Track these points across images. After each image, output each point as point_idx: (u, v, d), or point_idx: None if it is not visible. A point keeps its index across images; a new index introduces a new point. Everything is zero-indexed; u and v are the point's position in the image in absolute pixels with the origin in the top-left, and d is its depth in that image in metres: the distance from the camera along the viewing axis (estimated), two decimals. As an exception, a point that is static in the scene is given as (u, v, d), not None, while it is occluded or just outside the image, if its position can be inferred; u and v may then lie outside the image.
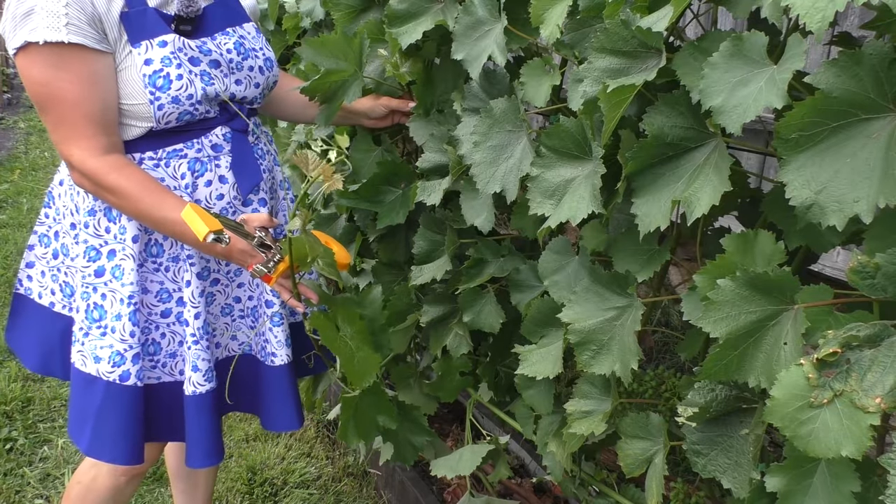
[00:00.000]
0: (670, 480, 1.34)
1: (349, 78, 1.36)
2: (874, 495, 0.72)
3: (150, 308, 1.34)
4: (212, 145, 1.33)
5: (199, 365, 1.33)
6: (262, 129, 1.46)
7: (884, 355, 0.64)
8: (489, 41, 1.11)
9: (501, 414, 1.49)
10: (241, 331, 1.44)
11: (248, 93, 1.36)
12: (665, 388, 1.23)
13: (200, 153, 1.32)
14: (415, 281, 1.40)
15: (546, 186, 0.98)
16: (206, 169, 1.33)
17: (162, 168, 1.30)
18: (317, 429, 2.54)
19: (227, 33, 1.34)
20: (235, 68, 1.33)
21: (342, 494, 2.22)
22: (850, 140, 0.66)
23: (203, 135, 1.32)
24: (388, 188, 1.48)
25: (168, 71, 1.23)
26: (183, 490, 1.78)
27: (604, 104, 0.83)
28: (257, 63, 1.37)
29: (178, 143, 1.30)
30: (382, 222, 1.47)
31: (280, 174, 1.50)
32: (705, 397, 0.85)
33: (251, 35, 1.39)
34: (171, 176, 1.30)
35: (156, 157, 1.30)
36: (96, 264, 1.31)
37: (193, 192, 1.32)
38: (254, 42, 1.39)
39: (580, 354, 0.97)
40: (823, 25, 0.60)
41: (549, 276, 1.12)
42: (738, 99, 0.71)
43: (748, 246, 0.78)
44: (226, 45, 1.32)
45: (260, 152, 1.42)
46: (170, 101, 1.24)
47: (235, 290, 1.42)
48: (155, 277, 1.33)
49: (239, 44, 1.35)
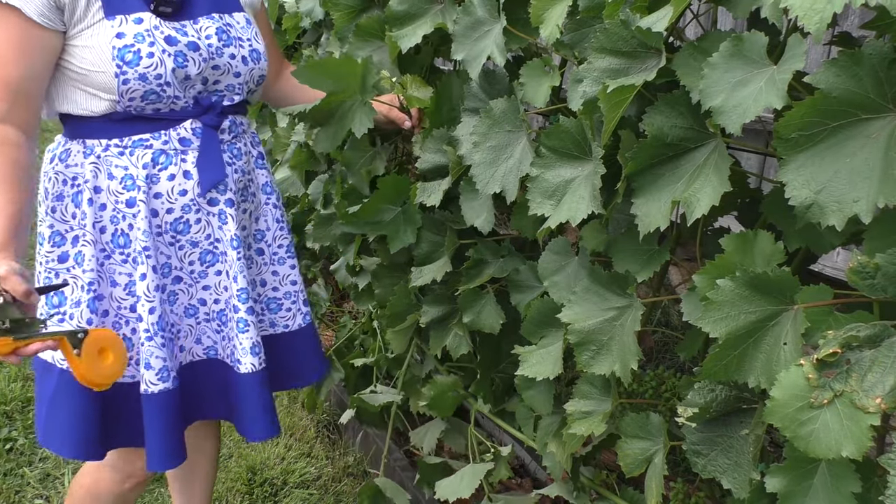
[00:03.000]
0: (670, 480, 1.34)
1: (348, 100, 1.33)
2: (875, 496, 0.72)
3: (120, 302, 1.31)
4: (179, 138, 1.29)
5: (151, 363, 1.29)
6: (245, 128, 1.42)
7: (884, 356, 0.64)
8: (489, 41, 1.11)
9: (503, 424, 1.49)
10: (205, 334, 1.40)
11: (226, 80, 1.32)
12: (665, 388, 1.24)
13: (167, 145, 1.29)
14: (415, 282, 1.40)
15: (546, 187, 0.98)
16: (171, 162, 1.29)
17: (126, 156, 1.27)
18: (317, 429, 2.54)
19: (211, 18, 1.31)
20: (215, 54, 1.29)
21: (342, 494, 2.22)
22: (849, 140, 0.66)
23: (172, 126, 1.29)
24: (388, 206, 1.45)
25: (139, 47, 1.21)
26: (180, 491, 1.77)
27: (603, 104, 0.83)
28: (241, 52, 1.33)
29: (146, 133, 1.27)
30: (395, 246, 1.44)
31: (265, 177, 1.46)
32: (705, 397, 0.85)
33: (240, 25, 1.35)
34: (134, 165, 1.27)
35: (121, 144, 1.27)
36: (60, 249, 1.30)
37: (154, 185, 1.29)
38: (241, 32, 1.35)
39: (580, 355, 0.97)
40: (822, 27, 0.60)
41: (549, 277, 1.12)
42: (737, 99, 0.71)
43: (748, 246, 0.78)
44: (207, 30, 1.29)
45: (236, 151, 1.38)
46: (136, 78, 1.21)
47: (200, 292, 1.38)
48: (123, 269, 1.31)
49: (222, 30, 1.31)
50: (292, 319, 1.51)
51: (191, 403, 1.41)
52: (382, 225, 1.46)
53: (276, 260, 1.48)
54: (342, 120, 1.35)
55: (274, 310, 1.49)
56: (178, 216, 1.31)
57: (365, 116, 1.31)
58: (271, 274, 1.48)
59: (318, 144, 1.40)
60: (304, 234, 2.31)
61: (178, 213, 1.31)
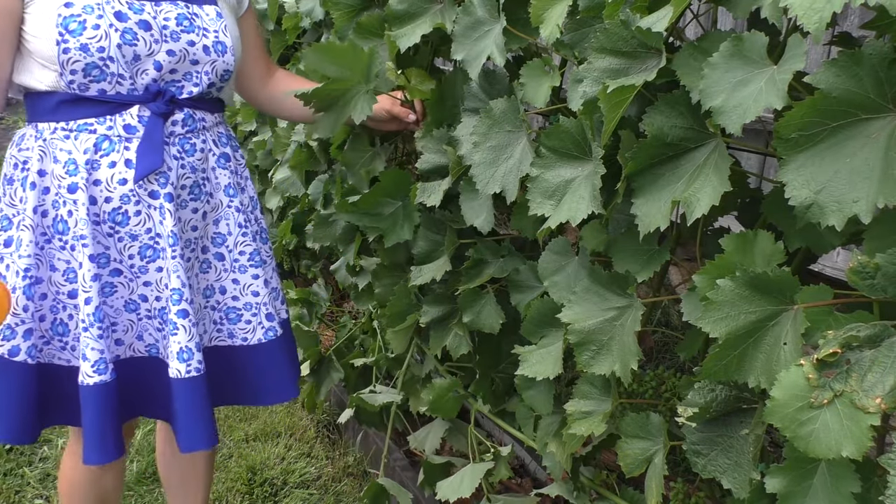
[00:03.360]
0: (670, 480, 1.34)
1: (352, 88, 1.32)
2: (874, 496, 0.72)
3: (59, 287, 1.31)
4: (125, 125, 1.27)
5: (87, 354, 1.27)
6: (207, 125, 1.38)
7: (884, 356, 0.64)
8: (488, 41, 1.11)
9: (503, 424, 1.49)
10: (147, 332, 1.38)
11: (182, 68, 1.29)
12: (665, 388, 1.24)
13: (111, 131, 1.27)
14: (414, 281, 1.40)
15: (546, 187, 0.98)
16: (114, 149, 1.27)
17: (71, 140, 1.27)
18: (317, 429, 2.54)
19: (175, 3, 1.29)
20: (170, 37, 1.27)
21: (342, 494, 2.22)
22: (849, 140, 0.66)
23: (118, 112, 1.27)
24: (388, 200, 1.45)
25: (86, 18, 1.20)
26: (175, 495, 1.75)
27: (603, 104, 0.83)
28: (202, 41, 1.30)
29: (91, 117, 1.26)
30: (390, 240, 1.43)
31: (228, 179, 1.41)
32: (705, 397, 0.85)
33: (209, 17, 1.33)
34: (78, 150, 1.27)
35: (68, 127, 1.27)
36: (6, 234, 1.30)
37: (94, 171, 1.27)
38: (209, 23, 1.32)
39: (580, 355, 0.97)
40: (821, 26, 0.60)
41: (549, 277, 1.12)
42: (738, 99, 0.71)
43: (748, 246, 0.78)
44: (166, 13, 1.27)
45: (189, 147, 1.34)
46: (77, 48, 1.20)
47: (141, 288, 1.35)
48: (62, 256, 1.30)
49: (184, 17, 1.29)
50: (251, 333, 1.45)
51: (132, 400, 1.39)
52: (381, 218, 1.46)
53: (237, 268, 1.43)
54: (344, 107, 1.34)
55: (233, 320, 1.45)
56: (116, 206, 1.29)
57: (366, 104, 1.30)
58: (231, 282, 1.44)
59: (318, 129, 1.38)
60: (304, 234, 2.31)
61: (116, 203, 1.29)
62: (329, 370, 2.14)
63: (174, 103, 1.31)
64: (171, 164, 1.31)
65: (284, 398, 1.50)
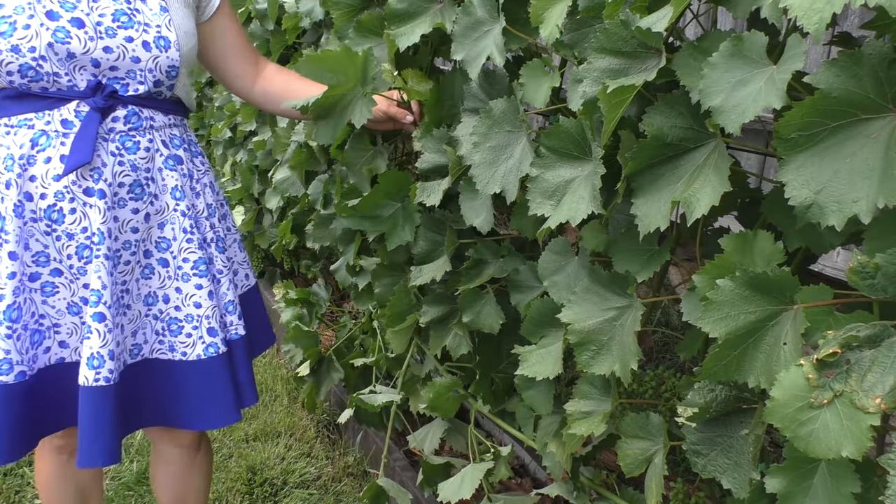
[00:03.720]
0: (670, 480, 1.34)
1: (349, 92, 1.32)
2: (874, 496, 0.72)
3: None
4: (62, 120, 1.26)
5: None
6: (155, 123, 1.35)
7: (884, 356, 0.64)
8: (488, 41, 1.11)
9: (503, 424, 1.49)
10: None
11: (121, 64, 1.26)
12: (665, 388, 1.24)
13: (49, 126, 1.26)
14: (414, 281, 1.40)
15: (546, 187, 0.98)
16: (50, 144, 1.26)
17: (11, 136, 1.26)
18: (317, 429, 2.54)
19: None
20: (105, 33, 1.24)
21: (342, 494, 2.22)
22: (849, 140, 0.66)
23: (56, 107, 1.25)
24: (388, 202, 1.44)
25: (16, 18, 1.19)
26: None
27: (603, 104, 0.83)
28: (142, 37, 1.27)
29: (30, 112, 1.25)
30: (392, 242, 1.43)
31: (175, 181, 1.37)
32: (705, 397, 0.85)
33: (152, 12, 1.29)
34: (16, 145, 1.25)
35: (9, 123, 1.26)
36: None
37: (30, 167, 1.25)
38: (151, 18, 1.29)
39: (580, 355, 0.97)
40: (821, 27, 0.60)
41: (549, 277, 1.12)
42: (737, 99, 0.71)
43: (747, 246, 0.78)
44: (102, 9, 1.25)
45: (132, 145, 1.31)
46: (9, 49, 1.19)
47: (82, 291, 1.31)
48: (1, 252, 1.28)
49: (122, 12, 1.26)
50: (191, 347, 1.38)
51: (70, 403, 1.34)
52: (381, 220, 1.45)
53: (181, 276, 1.38)
54: (343, 112, 1.33)
55: (174, 332, 1.38)
56: (51, 203, 1.27)
57: (365, 108, 1.29)
58: (174, 290, 1.38)
59: (318, 136, 1.37)
60: (304, 234, 2.31)
61: (51, 200, 1.27)
62: (329, 370, 2.14)
63: (115, 98, 1.28)
64: (108, 160, 1.29)
65: (222, 423, 1.41)
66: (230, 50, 1.49)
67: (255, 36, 2.54)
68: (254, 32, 2.55)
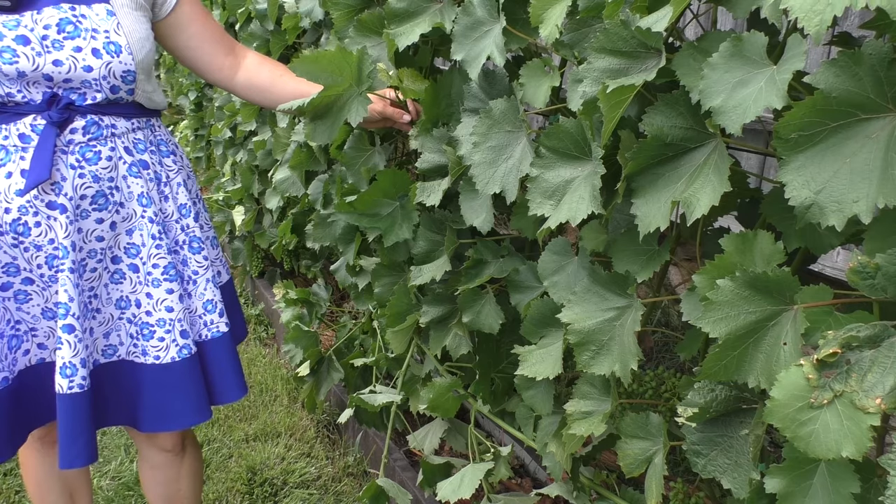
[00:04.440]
0: (670, 480, 1.34)
1: (345, 92, 1.31)
2: (874, 496, 0.72)
3: None
4: (19, 135, 1.25)
5: None
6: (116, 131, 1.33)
7: (884, 356, 0.64)
8: (488, 42, 1.11)
9: (503, 424, 1.49)
10: None
11: (73, 75, 1.24)
12: (665, 388, 1.23)
13: (7, 140, 1.25)
14: (414, 281, 1.40)
15: (546, 187, 0.98)
16: (10, 160, 1.25)
17: None
18: (317, 429, 2.54)
19: (59, 7, 1.23)
20: (52, 46, 1.22)
21: (342, 494, 2.21)
22: (849, 140, 0.66)
23: (12, 121, 1.24)
24: (386, 200, 1.44)
25: None
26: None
27: (603, 104, 0.83)
28: (91, 45, 1.24)
29: None
30: (389, 240, 1.42)
31: (141, 187, 1.36)
32: (705, 397, 0.85)
33: (98, 17, 1.26)
34: None
35: None
36: None
37: None
38: (98, 23, 1.26)
39: (580, 355, 0.97)
40: (822, 28, 0.60)
41: (549, 277, 1.12)
42: (737, 99, 0.71)
43: (747, 246, 0.78)
44: (46, 21, 1.22)
45: (92, 155, 1.30)
46: None
47: (55, 297, 1.33)
48: None
49: (68, 21, 1.23)
50: (164, 351, 1.39)
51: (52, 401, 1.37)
52: (379, 218, 1.45)
53: (151, 281, 1.38)
54: (339, 112, 1.32)
55: (146, 336, 1.39)
56: (16, 217, 1.27)
57: (360, 107, 1.29)
58: (145, 296, 1.39)
59: (315, 137, 1.36)
60: (304, 234, 2.31)
61: (15, 214, 1.27)
62: (329, 370, 2.14)
63: (72, 110, 1.27)
64: (67, 174, 1.28)
65: (193, 422, 1.43)
66: (199, 42, 1.45)
67: (255, 36, 2.54)
68: (254, 32, 2.55)
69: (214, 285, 1.48)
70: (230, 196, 3.18)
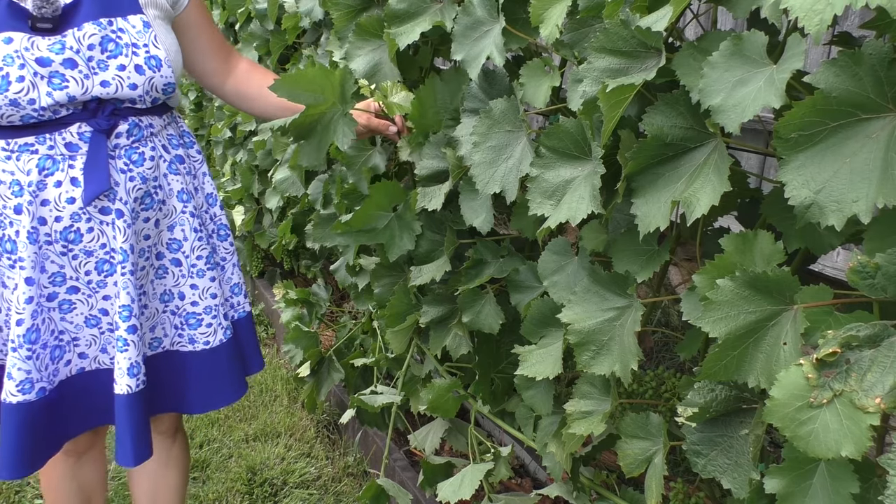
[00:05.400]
0: (670, 480, 1.34)
1: (328, 111, 1.28)
2: (874, 496, 0.72)
3: (8, 304, 1.30)
4: (66, 143, 1.24)
5: (13, 374, 1.26)
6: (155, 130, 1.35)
7: (884, 355, 0.64)
8: (488, 41, 1.11)
9: (503, 424, 1.49)
10: (111, 344, 1.37)
11: (120, 94, 1.25)
12: (665, 388, 1.23)
13: (53, 150, 1.24)
14: (414, 281, 1.40)
15: (546, 187, 0.98)
16: (58, 168, 1.25)
17: (13, 161, 1.24)
18: (317, 429, 2.54)
19: (98, 23, 1.22)
20: (98, 67, 1.22)
21: (342, 494, 2.21)
22: (849, 140, 0.66)
23: (57, 131, 1.23)
24: (380, 213, 1.43)
25: (8, 71, 1.16)
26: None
27: (603, 104, 0.83)
28: (133, 61, 1.24)
29: (30, 136, 1.23)
30: (393, 254, 1.42)
31: (180, 184, 1.38)
32: (705, 397, 0.85)
33: (136, 29, 1.26)
34: (21, 171, 1.24)
35: (8, 148, 1.24)
36: None
37: (40, 192, 1.24)
38: (137, 37, 1.25)
39: (580, 355, 0.97)
40: (822, 28, 0.60)
41: (549, 277, 1.12)
42: (737, 98, 0.71)
43: (747, 246, 0.78)
44: (90, 40, 1.21)
45: (137, 157, 1.31)
46: (7, 104, 1.17)
47: (101, 302, 1.33)
48: (12, 274, 1.28)
49: (108, 39, 1.23)
50: (213, 336, 1.44)
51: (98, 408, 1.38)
52: (376, 233, 1.44)
53: (195, 272, 1.41)
54: (324, 133, 1.30)
55: (193, 325, 1.43)
56: (67, 224, 1.27)
57: (347, 128, 1.26)
58: (190, 287, 1.42)
59: (302, 159, 1.33)
60: (304, 234, 2.31)
61: (67, 222, 1.27)
62: (329, 370, 2.14)
63: (116, 115, 1.27)
64: (119, 178, 1.28)
65: (235, 398, 1.49)
66: (198, 45, 1.45)
67: (255, 36, 2.54)
68: (254, 32, 2.55)
69: (238, 269, 1.54)
70: (230, 196, 3.18)
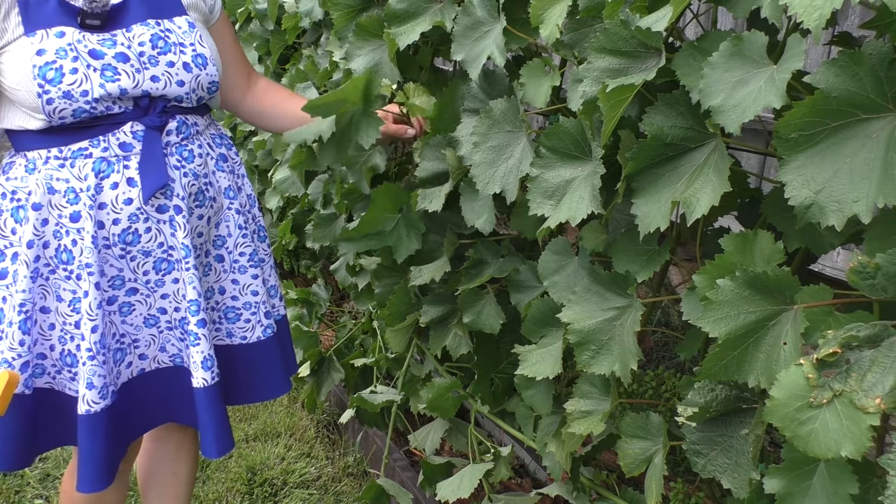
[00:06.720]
0: (670, 480, 1.34)
1: (350, 110, 1.28)
2: (874, 496, 0.72)
3: (65, 318, 1.28)
4: (120, 144, 1.24)
5: (94, 382, 1.25)
6: (200, 128, 1.36)
7: (884, 356, 0.64)
8: (488, 42, 1.11)
9: (503, 424, 1.49)
10: (170, 342, 1.37)
11: (168, 91, 1.26)
12: (665, 388, 1.24)
13: (107, 152, 1.23)
14: (414, 281, 1.40)
15: (546, 187, 0.98)
16: (114, 170, 1.24)
17: (67, 168, 1.23)
18: (317, 429, 2.54)
19: (146, 24, 1.25)
20: (149, 62, 1.23)
21: (342, 494, 2.21)
22: (849, 140, 0.66)
23: (110, 131, 1.23)
24: (386, 216, 1.43)
25: (62, 63, 1.16)
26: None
27: (603, 104, 0.83)
28: (181, 59, 1.27)
29: (84, 141, 1.22)
30: (401, 255, 1.41)
31: (227, 181, 1.40)
32: (705, 397, 0.85)
33: (181, 30, 1.29)
34: (76, 177, 1.23)
35: (61, 155, 1.23)
36: (1, 265, 1.27)
37: (98, 195, 1.23)
38: (183, 37, 1.28)
39: (580, 355, 0.97)
40: (821, 24, 0.60)
41: (549, 277, 1.12)
42: (737, 99, 0.71)
43: (747, 246, 0.78)
44: (140, 38, 1.23)
45: (188, 154, 1.32)
46: (61, 96, 1.16)
47: (159, 301, 1.34)
48: (67, 286, 1.27)
49: (158, 37, 1.25)
50: (251, 331, 1.45)
51: (156, 411, 1.39)
52: (384, 236, 1.44)
53: (237, 268, 1.42)
54: (346, 132, 1.30)
55: (232, 319, 1.43)
56: (125, 227, 1.26)
57: (371, 128, 1.26)
58: (231, 282, 1.42)
59: (323, 158, 1.34)
60: (304, 234, 2.32)
61: (125, 224, 1.26)
62: (329, 370, 2.14)
63: (166, 112, 1.28)
64: (174, 174, 1.29)
65: (277, 394, 1.52)
66: (224, 59, 1.46)
67: (255, 36, 2.54)
68: (254, 32, 2.55)
69: (275, 271, 1.55)
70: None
